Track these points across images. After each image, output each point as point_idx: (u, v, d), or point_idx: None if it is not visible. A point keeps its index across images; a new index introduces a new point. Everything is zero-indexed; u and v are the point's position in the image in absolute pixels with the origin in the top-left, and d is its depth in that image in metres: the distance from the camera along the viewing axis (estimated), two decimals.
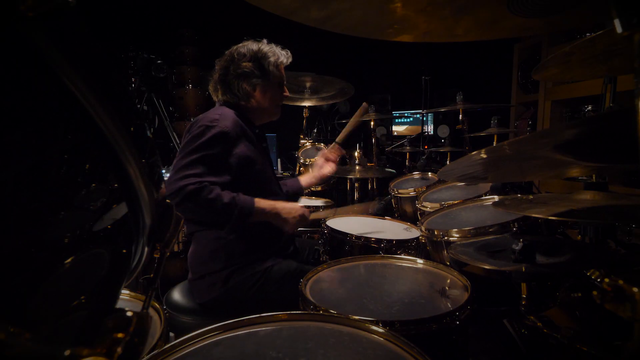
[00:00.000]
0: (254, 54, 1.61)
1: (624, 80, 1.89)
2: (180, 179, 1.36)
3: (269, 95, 1.66)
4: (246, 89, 1.61)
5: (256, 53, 1.62)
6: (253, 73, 1.60)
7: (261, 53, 1.62)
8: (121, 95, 0.39)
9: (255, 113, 1.68)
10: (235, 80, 1.61)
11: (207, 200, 1.36)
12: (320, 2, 0.90)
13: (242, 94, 1.62)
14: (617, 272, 1.18)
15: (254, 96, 1.64)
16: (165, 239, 0.45)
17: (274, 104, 1.70)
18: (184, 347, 0.78)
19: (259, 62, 1.61)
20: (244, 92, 1.62)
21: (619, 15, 0.54)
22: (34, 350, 0.26)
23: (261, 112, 1.69)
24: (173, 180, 1.37)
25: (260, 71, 1.61)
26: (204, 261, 1.53)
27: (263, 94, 1.64)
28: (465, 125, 2.80)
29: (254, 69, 1.60)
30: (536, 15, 0.95)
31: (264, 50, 1.63)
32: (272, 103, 1.68)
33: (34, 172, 0.29)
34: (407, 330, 0.92)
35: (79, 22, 0.31)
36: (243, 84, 1.61)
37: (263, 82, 1.62)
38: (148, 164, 0.38)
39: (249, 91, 1.62)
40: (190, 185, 1.34)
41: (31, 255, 0.30)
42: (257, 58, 1.61)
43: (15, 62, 0.27)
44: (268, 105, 1.68)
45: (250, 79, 1.61)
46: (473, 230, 1.47)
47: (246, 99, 1.64)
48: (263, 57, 1.62)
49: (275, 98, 1.69)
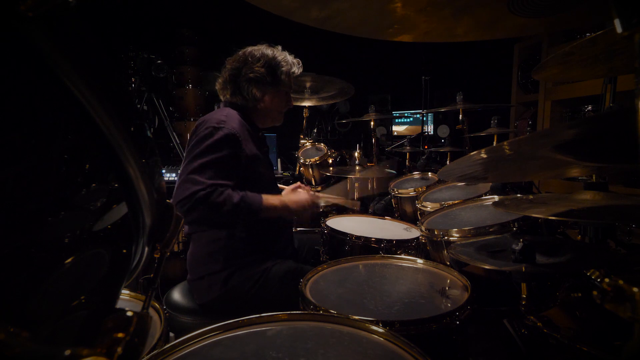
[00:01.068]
0: (268, 60, 1.62)
1: (624, 80, 1.89)
2: (190, 185, 1.36)
3: (277, 103, 1.68)
4: (255, 93, 1.62)
5: (270, 60, 1.62)
6: (265, 79, 1.61)
7: (275, 61, 1.63)
8: (121, 95, 0.39)
9: (260, 117, 1.70)
10: (246, 84, 1.61)
11: (217, 203, 1.36)
12: (320, 2, 0.90)
13: (250, 98, 1.63)
14: (617, 272, 1.19)
15: (263, 101, 1.65)
16: (165, 239, 0.45)
17: (279, 110, 1.73)
18: (184, 347, 0.78)
19: (273, 69, 1.62)
20: (253, 96, 1.63)
21: (619, 15, 0.54)
22: (34, 350, 0.26)
23: (266, 116, 1.71)
24: (183, 186, 1.36)
25: (272, 78, 1.62)
26: (203, 262, 1.53)
27: (271, 101, 1.66)
28: (465, 125, 2.80)
29: (266, 75, 1.61)
30: (536, 15, 0.96)
31: (279, 59, 1.64)
32: (277, 110, 1.71)
33: (34, 172, 0.29)
34: (407, 330, 0.92)
35: (79, 22, 0.31)
36: (253, 89, 1.62)
37: (273, 89, 1.64)
38: (148, 164, 0.38)
39: (258, 96, 1.63)
40: (201, 192, 1.34)
41: (31, 255, 0.30)
42: (270, 65, 1.62)
43: (15, 62, 0.27)
44: (274, 112, 1.70)
45: (261, 84, 1.61)
46: (473, 230, 1.47)
47: (254, 103, 1.65)
48: (277, 65, 1.63)
49: (281, 105, 1.71)
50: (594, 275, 1.16)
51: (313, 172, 2.90)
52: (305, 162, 2.89)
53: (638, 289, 0.47)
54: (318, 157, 2.86)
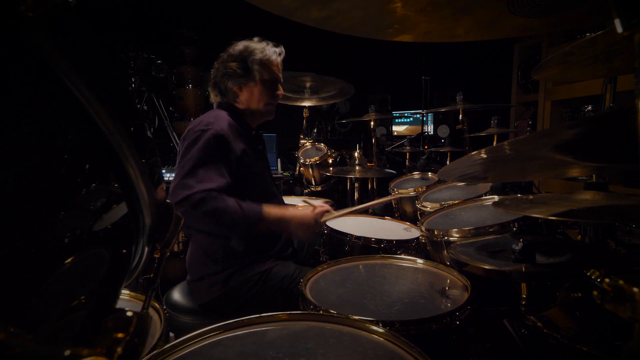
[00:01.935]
0: (239, 54, 1.59)
1: (624, 80, 1.89)
2: (183, 189, 1.33)
3: (256, 94, 1.62)
4: (232, 88, 1.60)
5: (242, 52, 1.59)
6: (236, 72, 1.58)
7: (247, 52, 1.59)
8: (121, 95, 0.39)
9: (247, 113, 1.65)
10: (223, 80, 1.60)
11: (214, 210, 1.32)
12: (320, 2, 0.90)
13: (230, 95, 1.61)
14: (617, 272, 1.19)
15: (242, 95, 1.62)
16: (165, 239, 0.45)
17: (264, 103, 1.64)
18: (184, 347, 0.78)
19: (244, 62, 1.59)
20: (232, 92, 1.61)
21: (619, 15, 0.54)
22: (34, 350, 0.26)
23: (252, 112, 1.65)
24: (177, 190, 1.34)
25: (243, 70, 1.58)
26: (203, 263, 1.53)
27: (250, 94, 1.61)
28: (465, 125, 2.80)
29: (237, 69, 1.58)
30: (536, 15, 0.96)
31: (251, 48, 1.59)
32: (261, 103, 1.63)
33: (34, 172, 0.29)
34: (407, 330, 0.92)
35: (79, 22, 0.31)
36: (228, 83, 1.60)
37: (247, 81, 1.59)
38: (148, 164, 0.38)
39: (235, 91, 1.61)
40: (197, 195, 1.31)
41: (31, 255, 0.30)
42: (242, 57, 1.59)
43: (15, 62, 0.27)
44: (258, 105, 1.63)
45: (234, 78, 1.59)
46: (473, 230, 1.47)
47: (234, 99, 1.63)
48: (248, 56, 1.59)
49: (263, 97, 1.63)
50: (594, 275, 1.16)
51: (313, 172, 2.90)
52: (305, 162, 2.88)
53: (638, 289, 0.47)
54: (318, 157, 2.86)
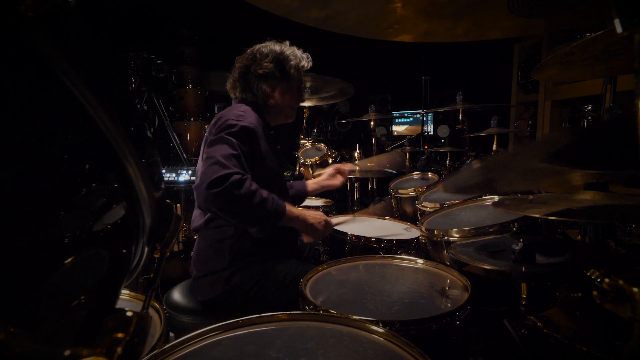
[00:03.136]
0: (276, 56, 1.62)
1: (624, 80, 1.89)
2: (221, 167, 1.31)
3: (287, 98, 1.67)
4: (265, 89, 1.62)
5: (278, 55, 1.62)
6: (274, 74, 1.61)
7: (283, 55, 1.62)
8: (121, 95, 0.39)
9: (272, 113, 1.69)
10: (256, 80, 1.61)
11: (250, 192, 1.31)
12: (321, 2, 0.90)
13: (260, 94, 1.63)
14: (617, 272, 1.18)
15: (273, 97, 1.65)
16: (165, 239, 0.45)
17: (291, 106, 1.71)
18: (184, 347, 0.78)
19: (281, 64, 1.62)
20: (263, 92, 1.63)
21: (619, 15, 0.54)
22: (34, 350, 0.26)
23: (277, 113, 1.70)
24: (213, 167, 1.31)
25: (281, 73, 1.62)
26: (209, 259, 1.53)
27: (282, 96, 1.65)
28: (465, 125, 2.80)
29: (275, 70, 1.60)
30: (536, 15, 0.96)
31: (286, 53, 1.63)
32: (289, 105, 1.70)
33: (34, 172, 0.29)
34: (407, 330, 0.92)
35: (79, 22, 0.31)
36: (263, 85, 1.62)
37: (283, 84, 1.63)
38: (148, 164, 0.38)
39: (268, 92, 1.63)
40: (236, 175, 1.30)
41: (31, 255, 0.30)
42: (279, 60, 1.62)
43: (15, 62, 0.27)
44: (285, 107, 1.69)
45: (270, 80, 1.61)
46: (473, 230, 1.47)
47: (264, 99, 1.64)
48: (285, 60, 1.62)
49: (292, 100, 1.70)
50: (594, 275, 1.16)
51: (313, 172, 2.90)
52: (305, 162, 2.89)
53: (638, 289, 0.46)
54: (318, 157, 2.86)
